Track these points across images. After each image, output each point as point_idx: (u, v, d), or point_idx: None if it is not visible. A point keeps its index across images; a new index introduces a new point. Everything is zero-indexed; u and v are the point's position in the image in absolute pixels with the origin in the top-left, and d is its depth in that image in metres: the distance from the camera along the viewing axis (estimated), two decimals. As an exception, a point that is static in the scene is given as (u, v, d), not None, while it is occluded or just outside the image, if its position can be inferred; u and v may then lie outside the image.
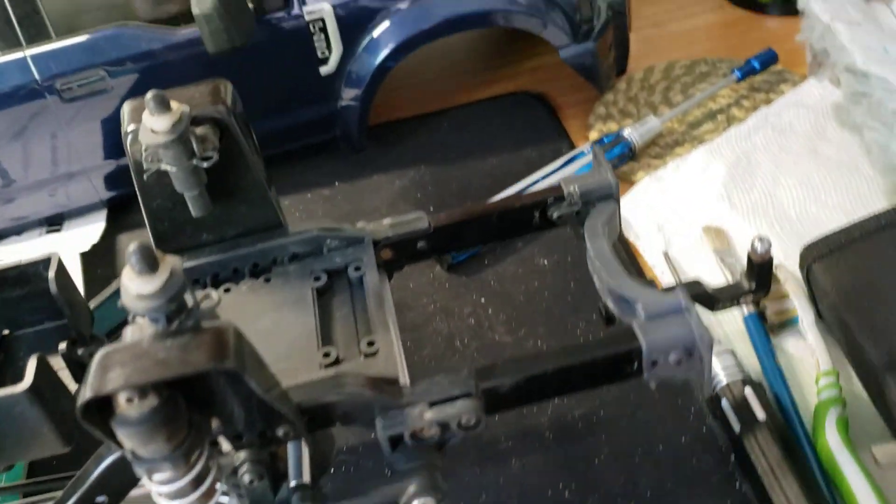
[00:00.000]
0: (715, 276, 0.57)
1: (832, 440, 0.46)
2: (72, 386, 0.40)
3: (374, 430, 0.36)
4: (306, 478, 0.40)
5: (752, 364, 0.51)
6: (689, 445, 0.49)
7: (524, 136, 0.73)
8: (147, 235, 0.43)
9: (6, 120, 0.66)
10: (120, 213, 0.73)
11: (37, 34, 0.64)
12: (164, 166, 0.39)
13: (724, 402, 0.49)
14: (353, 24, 0.67)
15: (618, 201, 0.43)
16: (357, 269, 0.43)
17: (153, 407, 0.30)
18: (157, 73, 0.65)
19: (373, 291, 0.41)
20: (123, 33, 0.64)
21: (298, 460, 0.41)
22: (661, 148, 0.67)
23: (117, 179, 0.72)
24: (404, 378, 0.38)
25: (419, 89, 0.80)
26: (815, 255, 0.50)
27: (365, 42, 0.67)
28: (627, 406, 0.52)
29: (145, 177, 0.40)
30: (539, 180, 0.64)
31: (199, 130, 0.40)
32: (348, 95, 0.70)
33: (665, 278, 0.58)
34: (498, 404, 0.37)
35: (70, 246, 0.70)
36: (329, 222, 0.44)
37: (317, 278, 0.43)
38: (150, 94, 0.38)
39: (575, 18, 0.68)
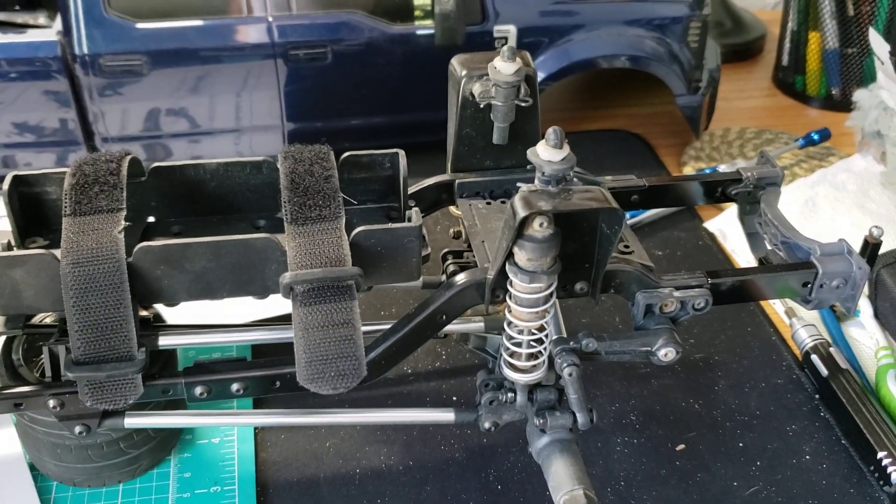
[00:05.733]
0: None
1: (893, 388, 0.63)
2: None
3: (631, 301, 0.52)
4: (564, 334, 0.56)
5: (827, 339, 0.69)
6: (783, 385, 0.66)
7: (629, 164, 0.90)
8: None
9: (234, 70, 0.80)
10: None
11: (281, 7, 0.79)
12: (494, 101, 0.55)
13: (814, 357, 0.66)
14: (524, 49, 0.84)
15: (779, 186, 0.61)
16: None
17: (552, 233, 0.45)
18: (369, 57, 0.81)
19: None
20: (352, 20, 0.80)
21: (558, 320, 0.56)
22: (743, 185, 0.86)
23: (300, 139, 0.85)
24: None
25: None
26: (884, 263, 0.69)
27: (527, 64, 0.85)
28: (735, 355, 0.68)
29: (481, 105, 0.55)
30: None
31: (518, 82, 0.56)
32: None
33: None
34: (719, 297, 0.53)
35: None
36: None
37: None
38: (506, 48, 0.54)
39: (690, 75, 0.87)
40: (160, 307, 0.62)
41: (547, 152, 0.46)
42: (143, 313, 0.58)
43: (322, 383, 0.45)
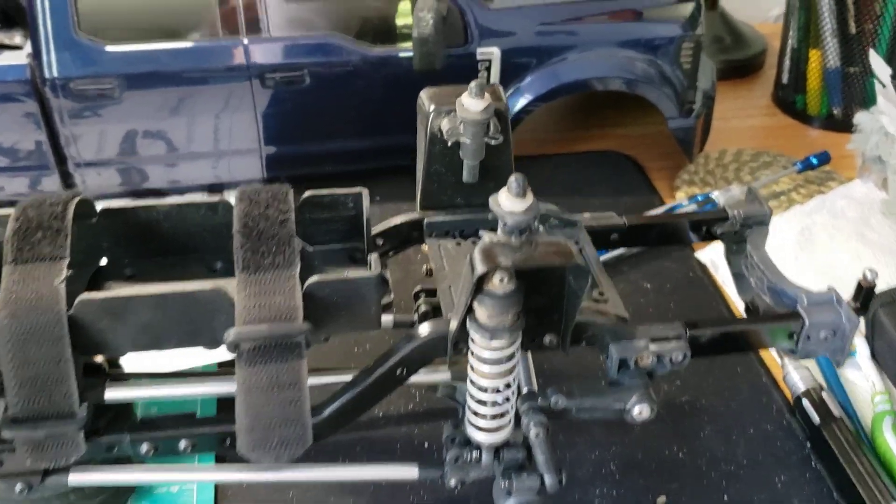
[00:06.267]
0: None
1: (889, 438, 0.60)
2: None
3: (605, 353, 0.49)
4: (534, 387, 0.53)
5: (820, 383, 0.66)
6: (773, 432, 0.63)
7: (619, 187, 0.87)
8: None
9: (209, 93, 0.77)
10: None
11: (255, 29, 0.76)
12: (463, 139, 0.52)
13: (805, 402, 0.62)
14: (511, 71, 0.81)
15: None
16: (576, 243, 0.55)
17: (514, 288, 0.42)
18: (348, 80, 0.78)
19: (593, 260, 0.54)
20: (330, 42, 0.77)
21: (528, 371, 0.53)
22: (737, 213, 0.83)
23: (278, 163, 0.83)
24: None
25: (527, 134, 0.94)
26: (882, 303, 0.65)
27: (513, 87, 0.82)
28: (723, 398, 0.65)
29: (448, 143, 0.52)
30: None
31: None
32: (484, 128, 0.84)
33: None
34: (699, 350, 0.50)
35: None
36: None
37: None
38: (474, 83, 0.51)
39: (683, 97, 0.84)
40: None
41: (509, 202, 0.43)
42: (98, 358, 0.56)
43: (263, 452, 0.43)
